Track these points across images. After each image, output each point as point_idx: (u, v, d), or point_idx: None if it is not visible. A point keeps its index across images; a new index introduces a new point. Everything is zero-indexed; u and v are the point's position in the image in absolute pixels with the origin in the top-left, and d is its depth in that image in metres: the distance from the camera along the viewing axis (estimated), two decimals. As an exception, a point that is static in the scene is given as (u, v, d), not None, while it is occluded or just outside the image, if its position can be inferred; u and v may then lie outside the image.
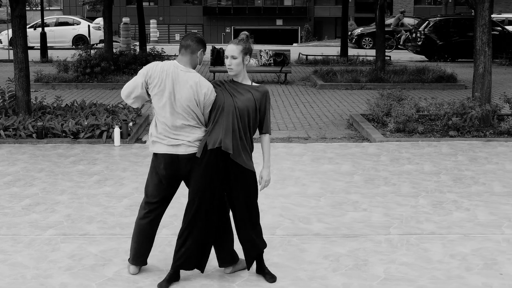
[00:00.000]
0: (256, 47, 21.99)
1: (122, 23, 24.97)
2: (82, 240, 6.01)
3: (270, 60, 18.22)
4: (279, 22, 48.44)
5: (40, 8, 24.97)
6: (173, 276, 5.03)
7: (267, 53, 18.27)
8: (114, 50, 19.74)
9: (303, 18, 47.37)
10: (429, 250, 5.81)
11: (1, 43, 28.84)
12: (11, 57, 23.89)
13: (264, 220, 6.55)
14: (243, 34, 5.07)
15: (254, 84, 5.13)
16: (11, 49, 27.91)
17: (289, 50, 18.85)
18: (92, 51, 17.87)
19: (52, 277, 5.20)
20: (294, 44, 38.19)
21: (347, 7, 24.01)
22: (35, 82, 16.76)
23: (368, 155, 9.32)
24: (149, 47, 22.03)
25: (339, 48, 24.09)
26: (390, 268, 5.43)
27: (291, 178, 8.13)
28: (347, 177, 8.18)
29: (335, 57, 23.71)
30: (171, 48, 30.58)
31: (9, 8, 11.68)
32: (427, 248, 5.87)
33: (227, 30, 49.05)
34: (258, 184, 5.19)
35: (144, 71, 5.07)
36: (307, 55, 24.26)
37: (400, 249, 5.83)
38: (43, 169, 8.47)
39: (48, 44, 28.73)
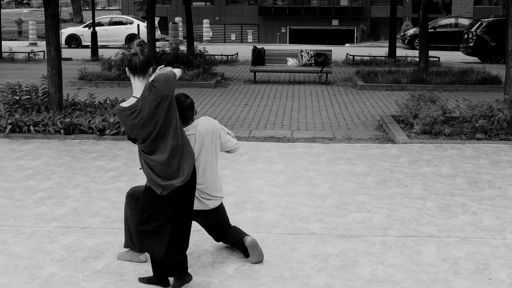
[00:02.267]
0: (299, 47, 22.03)
1: (171, 23, 25.33)
2: (81, 233, 6.18)
3: (311, 60, 18.20)
4: (335, 22, 48.21)
5: (91, 8, 25.45)
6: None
7: (308, 53, 18.27)
8: (167, 49, 20.07)
9: (360, 19, 47.02)
10: (422, 253, 5.75)
11: (58, 41, 29.54)
12: (64, 55, 24.54)
13: (265, 219, 6.63)
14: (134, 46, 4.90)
15: None
16: (64, 47, 28.69)
17: (330, 50, 18.79)
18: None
19: (42, 268, 5.37)
20: (347, 45, 37.95)
21: (395, 8, 23.73)
22: (79, 80, 17.21)
23: (387, 157, 9.25)
24: (200, 46, 22.21)
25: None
26: (377, 269, 5.40)
27: (303, 178, 8.14)
28: (360, 178, 8.14)
29: (383, 57, 23.49)
30: (223, 48, 30.90)
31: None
32: (420, 250, 5.81)
33: (282, 30, 49.11)
34: None
35: None
36: (354, 56, 24.11)
37: (392, 251, 5.79)
38: (63, 164, 8.72)
39: (102, 43, 29.51)
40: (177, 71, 5.11)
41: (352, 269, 5.41)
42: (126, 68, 4.87)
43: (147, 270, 5.32)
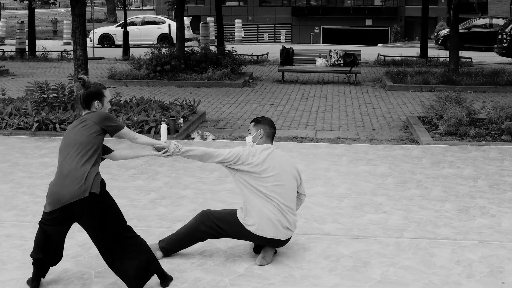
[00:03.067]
0: (328, 47, 21.97)
1: (202, 23, 25.46)
2: (97, 230, 6.24)
3: (340, 60, 18.14)
4: (368, 22, 47.96)
5: (122, 8, 25.71)
6: None
7: (336, 53, 18.20)
8: (196, 49, 20.18)
9: (394, 19, 46.68)
10: (436, 255, 5.70)
11: (91, 41, 29.96)
12: (96, 55, 24.89)
13: (280, 218, 6.62)
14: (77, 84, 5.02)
15: None
16: (97, 47, 29.06)
17: (359, 51, 18.70)
18: (164, 50, 18.35)
19: (57, 264, 5.44)
20: (379, 45, 37.70)
21: (427, 8, 23.54)
22: (109, 79, 17.42)
23: (409, 158, 9.18)
24: (230, 46, 22.28)
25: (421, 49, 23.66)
26: (388, 271, 5.37)
27: (322, 178, 8.12)
28: (379, 179, 8.10)
29: (414, 58, 23.30)
30: (254, 48, 30.95)
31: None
32: (434, 253, 5.75)
33: (315, 30, 49.01)
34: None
35: None
36: (385, 56, 23.95)
37: (405, 253, 5.75)
38: (86, 162, 8.82)
39: (135, 43, 29.83)
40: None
41: (363, 270, 5.39)
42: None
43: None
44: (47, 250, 4.93)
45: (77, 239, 6.01)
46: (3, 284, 5.08)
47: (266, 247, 5.53)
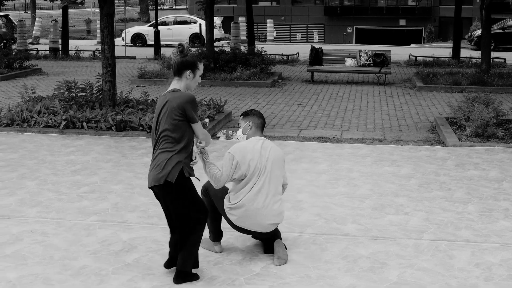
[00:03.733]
0: (357, 47, 21.85)
1: (232, 23, 25.52)
2: (118, 227, 6.33)
3: (370, 61, 18.04)
4: (402, 22, 47.55)
5: (154, 8, 25.91)
6: None
7: (366, 53, 18.11)
8: (227, 49, 20.27)
9: (428, 19, 46.22)
10: (455, 258, 5.64)
11: (123, 40, 30.26)
12: (128, 54, 25.13)
13: (300, 218, 6.64)
14: (175, 49, 5.08)
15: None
16: (130, 46, 29.33)
17: (389, 51, 18.58)
18: (193, 49, 18.43)
19: (76, 260, 5.54)
20: (412, 45, 37.37)
21: (460, 8, 23.27)
22: (138, 78, 17.58)
23: (434, 159, 9.10)
24: (261, 46, 22.29)
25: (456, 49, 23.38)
26: (406, 272, 5.33)
27: (344, 179, 8.10)
28: (402, 180, 8.05)
29: (446, 58, 23.06)
30: (285, 48, 30.93)
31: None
32: (453, 255, 5.70)
33: (348, 30, 48.77)
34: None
35: None
36: (416, 56, 23.75)
37: (424, 255, 5.71)
38: (111, 160, 8.94)
39: (167, 42, 30.03)
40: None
41: (380, 271, 5.36)
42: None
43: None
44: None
45: (98, 235, 6.09)
46: (22, 279, 5.17)
47: (276, 246, 5.55)
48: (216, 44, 30.45)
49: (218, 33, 32.64)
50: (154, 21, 31.81)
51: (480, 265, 5.50)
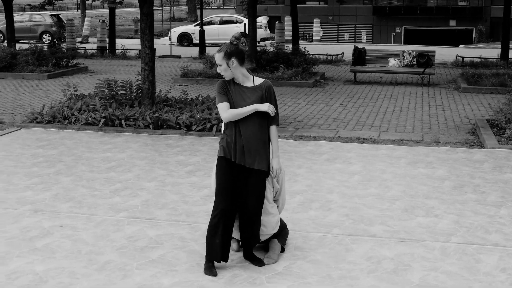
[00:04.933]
0: (401, 48, 21.61)
1: (277, 22, 25.54)
2: (146, 223, 6.42)
3: (413, 61, 17.84)
4: (452, 22, 46.81)
5: (204, 7, 26.10)
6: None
7: (410, 53, 17.91)
8: (268, 49, 20.29)
9: (478, 19, 45.42)
10: (481, 262, 5.56)
11: (170, 40, 30.59)
12: (173, 53, 25.38)
13: (327, 219, 6.63)
14: (232, 37, 5.27)
15: (256, 81, 5.30)
16: (176, 45, 29.61)
17: (434, 51, 18.32)
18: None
19: (102, 254, 5.65)
20: (460, 46, 36.75)
21: (510, 7, 22.78)
22: (181, 77, 17.74)
23: (471, 161, 8.95)
24: (303, 45, 22.27)
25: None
26: (429, 275, 5.28)
27: (376, 180, 8.04)
28: (436, 182, 7.95)
29: (494, 59, 22.62)
30: (332, 47, 30.79)
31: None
32: (480, 259, 5.61)
33: (397, 30, 48.26)
34: (270, 176, 5.41)
35: None
36: (463, 57, 23.36)
37: (450, 258, 5.63)
38: (146, 158, 9.06)
39: (212, 42, 30.22)
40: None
41: (403, 273, 5.32)
42: (233, 56, 5.24)
43: (199, 262, 5.47)
44: None
45: (125, 231, 6.20)
46: (49, 271, 5.30)
47: (272, 244, 5.56)
48: (261, 43, 30.60)
49: (263, 32, 32.72)
50: (199, 21, 32.16)
51: (506, 270, 5.40)
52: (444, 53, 26.64)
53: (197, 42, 29.76)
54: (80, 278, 5.19)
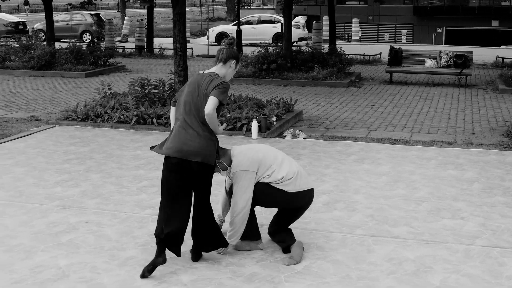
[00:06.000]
0: (439, 48, 21.34)
1: (314, 22, 25.48)
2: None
3: (450, 62, 17.62)
4: (494, 23, 46.07)
5: (243, 7, 26.18)
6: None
7: (447, 54, 17.69)
8: (303, 49, 20.30)
9: (524, 18, 44.61)
10: (505, 265, 5.47)
11: (208, 39, 30.75)
12: (211, 53, 25.54)
13: (351, 219, 6.60)
14: (224, 42, 5.51)
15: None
16: (214, 45, 29.76)
17: (471, 52, 18.07)
18: (271, 49, 18.53)
19: (124, 250, 5.72)
20: (502, 46, 36.13)
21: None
22: (216, 76, 17.81)
23: (502, 164, 8.81)
24: (340, 45, 22.18)
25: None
26: (450, 278, 5.22)
27: (404, 181, 7.97)
28: (464, 184, 7.85)
29: (536, 60, 22.22)
30: (370, 48, 30.59)
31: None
32: (504, 262, 5.53)
33: (438, 31, 47.69)
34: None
35: None
36: (503, 58, 22.99)
37: (473, 261, 5.56)
38: (175, 156, 9.12)
39: (250, 41, 30.29)
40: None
41: (423, 275, 5.27)
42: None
43: (219, 260, 5.51)
44: None
45: (149, 228, 6.26)
46: (72, 266, 5.39)
47: (294, 246, 5.56)
48: (299, 43, 30.58)
49: (301, 32, 32.66)
50: (240, 19, 32.25)
51: (530, 274, 5.31)
52: (484, 54, 26.24)
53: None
54: (102, 273, 5.27)
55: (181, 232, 5.24)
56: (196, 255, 5.52)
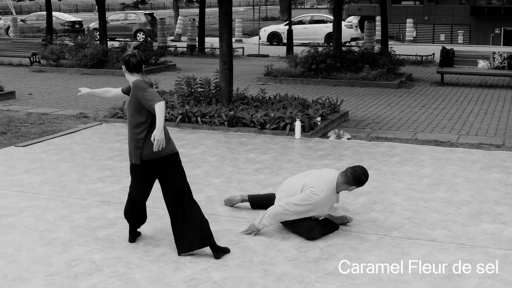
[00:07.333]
0: (493, 49, 20.87)
1: (366, 22, 25.25)
2: (206, 218, 6.52)
3: (504, 63, 17.22)
4: (556, 23, 44.82)
5: (294, 6, 26.15)
6: None
7: (501, 55, 17.30)
8: (353, 49, 20.16)
9: None
10: (544, 272, 5.33)
11: (260, 39, 30.81)
12: (263, 52, 25.58)
13: (388, 221, 6.53)
14: (131, 46, 5.69)
15: None
16: (266, 45, 29.80)
17: (527, 53, 17.61)
18: (320, 48, 18.45)
19: (159, 247, 5.79)
20: (562, 48, 35.08)
21: None
22: (265, 76, 17.88)
23: (550, 168, 8.58)
24: (391, 45, 21.92)
25: None
26: (485, 283, 5.11)
27: (446, 184, 7.84)
28: (509, 188, 7.66)
29: None
30: (424, 48, 30.15)
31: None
32: (543, 269, 5.39)
33: (496, 31, 46.65)
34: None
35: None
36: (561, 60, 22.33)
37: (511, 267, 5.43)
38: (217, 154, 9.19)
39: (302, 41, 30.21)
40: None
41: (457, 279, 5.18)
42: (123, 66, 5.64)
43: (251, 258, 5.52)
44: None
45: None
46: (106, 260, 5.48)
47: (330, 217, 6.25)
48: (352, 43, 30.36)
49: (354, 32, 32.44)
50: (292, 19, 32.21)
51: None
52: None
53: (285, 41, 29.93)
54: (134, 268, 5.34)
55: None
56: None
